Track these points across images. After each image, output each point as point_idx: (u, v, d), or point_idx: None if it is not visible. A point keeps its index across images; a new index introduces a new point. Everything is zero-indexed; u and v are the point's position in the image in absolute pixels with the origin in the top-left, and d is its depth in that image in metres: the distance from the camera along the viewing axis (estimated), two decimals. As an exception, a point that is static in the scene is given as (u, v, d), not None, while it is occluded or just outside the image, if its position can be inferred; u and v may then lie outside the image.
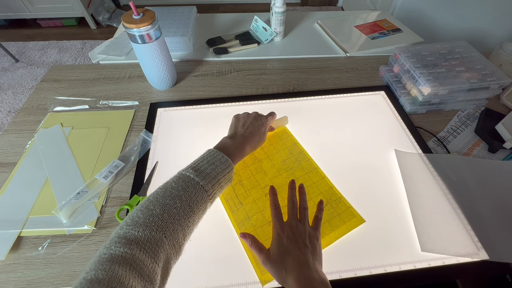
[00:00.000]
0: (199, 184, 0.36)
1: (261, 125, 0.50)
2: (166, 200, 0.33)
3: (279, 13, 0.80)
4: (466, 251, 0.42)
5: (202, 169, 0.38)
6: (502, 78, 0.60)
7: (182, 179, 0.36)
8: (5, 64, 1.88)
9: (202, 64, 0.78)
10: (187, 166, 0.39)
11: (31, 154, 0.55)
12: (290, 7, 2.56)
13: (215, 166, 0.39)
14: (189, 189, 0.35)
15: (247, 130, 0.48)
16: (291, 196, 0.44)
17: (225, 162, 0.40)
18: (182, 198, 0.34)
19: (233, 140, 0.45)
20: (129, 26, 0.55)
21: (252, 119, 0.50)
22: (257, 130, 0.49)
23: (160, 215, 0.31)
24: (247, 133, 0.47)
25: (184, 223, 0.33)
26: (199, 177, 0.37)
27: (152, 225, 0.30)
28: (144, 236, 0.29)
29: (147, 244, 0.29)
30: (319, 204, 0.45)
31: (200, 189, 0.36)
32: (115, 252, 0.27)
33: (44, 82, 0.72)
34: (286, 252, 0.36)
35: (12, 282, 0.40)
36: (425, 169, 0.53)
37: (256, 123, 0.49)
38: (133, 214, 0.32)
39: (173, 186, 0.35)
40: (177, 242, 0.32)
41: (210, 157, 0.40)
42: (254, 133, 0.48)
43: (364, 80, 0.74)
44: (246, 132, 0.47)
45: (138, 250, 0.28)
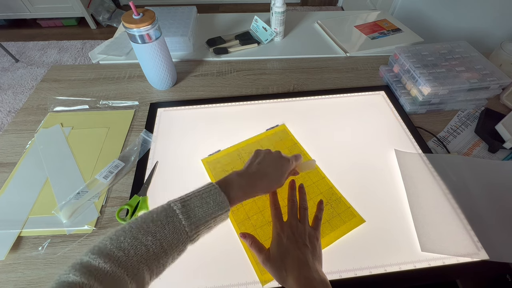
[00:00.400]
0: (181, 223, 0.31)
1: (280, 166, 0.42)
2: (138, 234, 0.29)
3: (279, 13, 0.80)
4: (466, 251, 0.42)
5: (192, 207, 0.33)
6: (502, 78, 0.60)
7: (165, 213, 0.32)
8: (5, 64, 1.88)
9: (202, 64, 0.78)
10: (179, 197, 0.34)
11: (31, 154, 0.55)
12: (290, 7, 2.56)
13: (208, 206, 0.34)
14: (168, 227, 0.31)
15: (261, 169, 0.41)
16: (291, 196, 0.43)
17: (221, 204, 0.34)
18: (156, 236, 0.30)
19: (241, 178, 0.39)
20: (129, 26, 0.55)
21: (272, 158, 0.43)
22: (274, 172, 0.41)
23: (126, 250, 0.28)
24: (260, 173, 0.40)
25: (152, 264, 0.29)
26: (185, 215, 0.32)
27: (115, 259, 0.27)
28: (104, 269, 0.26)
29: (107, 279, 0.26)
30: (319, 204, 0.44)
31: (181, 230, 0.31)
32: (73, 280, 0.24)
33: (44, 82, 0.72)
34: (286, 252, 0.36)
35: (12, 282, 0.40)
36: (425, 169, 0.53)
37: (276, 163, 0.42)
38: (103, 240, 0.29)
39: (154, 218, 0.31)
40: (140, 282, 0.28)
41: (206, 194, 0.34)
42: (269, 174, 0.41)
43: (364, 80, 0.74)
44: (259, 171, 0.40)
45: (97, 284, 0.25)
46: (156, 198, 0.49)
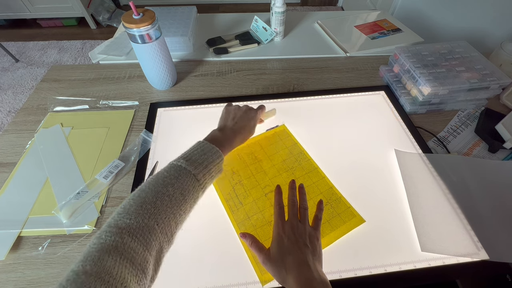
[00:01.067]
0: (190, 173, 0.36)
1: (251, 118, 0.51)
2: (159, 188, 0.33)
3: (279, 13, 0.80)
4: (466, 251, 0.42)
5: (194, 159, 0.39)
6: (502, 78, 0.60)
7: (174, 169, 0.37)
8: (5, 64, 1.88)
9: (202, 64, 0.78)
10: (178, 157, 0.40)
11: (31, 154, 0.55)
12: (290, 7, 2.56)
13: (206, 156, 0.40)
14: (181, 178, 0.35)
15: (236, 124, 0.49)
16: (291, 196, 0.44)
17: (215, 152, 0.41)
18: (175, 186, 0.34)
19: (223, 133, 0.47)
20: (129, 26, 0.55)
21: (242, 112, 0.51)
22: (247, 124, 0.50)
23: (153, 202, 0.31)
24: (237, 127, 0.49)
25: (177, 211, 0.33)
26: (191, 166, 0.37)
27: (144, 213, 0.30)
28: (135, 223, 0.29)
29: (138, 232, 0.28)
30: (318, 204, 0.45)
31: (192, 177, 0.36)
32: (105, 241, 0.26)
33: (44, 82, 0.72)
34: (287, 252, 0.36)
35: (12, 282, 0.40)
36: (425, 169, 0.53)
37: (246, 116, 0.51)
38: (125, 203, 0.31)
39: (165, 175, 0.35)
40: (169, 230, 0.31)
41: (201, 148, 0.41)
42: (244, 126, 0.49)
43: (364, 80, 0.74)
44: (236, 125, 0.49)
45: (129, 238, 0.27)
46: (156, 198, 0.49)
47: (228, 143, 0.46)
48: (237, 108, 0.53)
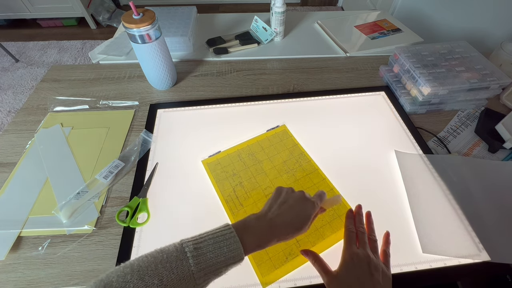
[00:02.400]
0: (190, 269, 0.29)
1: (303, 210, 0.37)
2: (145, 276, 0.28)
3: (279, 13, 0.80)
4: (468, 253, 0.42)
5: (204, 251, 0.30)
6: (502, 78, 0.60)
7: (176, 254, 0.30)
8: (5, 64, 1.88)
9: (202, 64, 0.78)
10: (193, 237, 0.32)
11: (31, 154, 0.55)
12: (290, 7, 2.55)
13: (221, 252, 0.31)
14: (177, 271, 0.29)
15: (281, 215, 0.36)
16: (359, 223, 0.42)
17: (234, 251, 0.31)
18: (163, 281, 0.28)
19: (260, 223, 0.35)
20: (129, 26, 0.55)
21: (295, 199, 0.38)
22: (296, 218, 0.36)
23: None
24: (281, 219, 0.36)
25: None
26: (195, 260, 0.30)
27: None
28: None
29: None
30: (386, 236, 0.43)
31: (189, 277, 0.29)
32: None
33: (44, 82, 0.72)
34: (358, 282, 0.35)
35: (12, 282, 0.40)
36: (426, 169, 0.53)
37: (299, 206, 0.37)
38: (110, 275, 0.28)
39: (163, 259, 0.29)
40: None
41: (221, 238, 0.32)
42: (291, 220, 0.36)
43: (364, 80, 0.74)
44: (279, 217, 0.36)
45: None
46: (156, 200, 0.49)
47: (259, 240, 0.34)
48: (290, 191, 0.39)
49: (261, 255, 0.42)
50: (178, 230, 0.45)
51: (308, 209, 0.37)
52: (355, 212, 0.45)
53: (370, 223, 0.44)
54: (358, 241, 0.40)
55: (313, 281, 0.40)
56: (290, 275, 0.41)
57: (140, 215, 0.46)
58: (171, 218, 0.47)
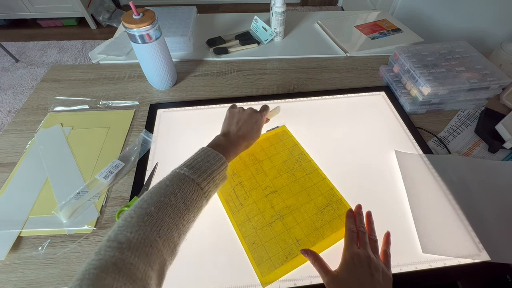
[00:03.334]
0: (194, 181, 0.35)
1: (255, 121, 0.49)
2: (161, 198, 0.32)
3: (279, 13, 0.80)
4: (468, 252, 0.42)
5: (197, 167, 0.37)
6: (502, 78, 0.60)
7: (177, 177, 0.35)
8: (5, 64, 1.88)
9: (202, 64, 0.78)
10: (181, 164, 0.38)
11: (31, 154, 0.55)
12: (290, 7, 2.55)
13: (210, 164, 0.38)
14: (184, 187, 0.34)
15: (241, 128, 0.47)
16: (360, 223, 0.42)
17: (219, 159, 0.39)
18: (178, 196, 0.33)
19: (227, 138, 0.45)
20: (129, 26, 0.55)
21: (246, 115, 0.49)
22: (251, 128, 0.48)
23: (155, 214, 0.30)
24: (242, 132, 0.47)
25: (180, 222, 0.32)
26: (194, 174, 0.36)
27: (146, 225, 0.29)
28: (136, 237, 0.27)
29: (139, 246, 0.27)
30: (387, 236, 0.43)
31: (196, 186, 0.35)
32: (104, 257, 0.25)
33: (44, 82, 0.72)
34: (358, 282, 0.35)
35: (12, 282, 0.40)
36: (426, 170, 0.53)
37: (251, 120, 0.49)
38: (126, 214, 0.30)
39: (168, 184, 0.34)
40: (172, 242, 0.30)
41: (204, 155, 0.39)
42: (249, 130, 0.48)
43: (364, 80, 0.74)
44: (240, 130, 0.47)
45: (129, 253, 0.26)
46: (156, 198, 0.49)
47: (232, 149, 0.44)
48: (241, 111, 0.51)
49: (261, 255, 0.42)
50: (178, 230, 0.45)
51: (258, 119, 0.50)
52: (355, 212, 0.45)
53: (371, 223, 0.44)
54: (359, 241, 0.40)
55: (313, 281, 0.40)
56: (290, 274, 0.41)
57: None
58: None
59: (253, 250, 0.43)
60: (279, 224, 0.46)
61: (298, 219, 0.46)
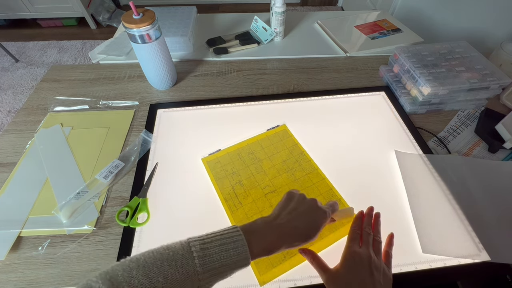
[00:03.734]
0: (195, 269, 0.29)
1: (314, 219, 0.37)
2: (151, 273, 0.28)
3: (279, 13, 0.80)
4: (468, 253, 0.42)
5: (210, 253, 0.30)
6: (502, 78, 0.60)
7: (182, 252, 0.30)
8: (5, 64, 1.88)
9: (202, 64, 0.78)
10: (199, 237, 0.32)
11: (31, 154, 0.55)
12: (290, 7, 2.55)
13: (227, 255, 0.30)
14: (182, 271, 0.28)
15: (291, 221, 0.35)
16: (367, 224, 0.42)
17: (241, 255, 0.31)
18: (168, 279, 0.28)
19: (268, 229, 0.35)
20: (129, 26, 0.55)
21: (307, 207, 0.37)
22: (306, 226, 0.36)
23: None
24: (290, 226, 0.35)
25: None
26: (201, 260, 0.29)
27: None
28: None
29: None
30: (390, 238, 0.42)
31: (194, 277, 0.29)
32: None
33: (44, 82, 0.72)
34: (358, 280, 0.35)
35: (12, 282, 0.40)
36: (426, 170, 0.53)
37: (309, 215, 0.37)
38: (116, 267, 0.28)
39: (169, 257, 0.29)
40: None
41: (228, 240, 0.31)
42: (300, 229, 0.35)
43: (364, 80, 0.74)
44: (289, 223, 0.35)
45: None
46: (156, 200, 0.49)
47: (266, 245, 0.33)
48: (301, 198, 0.39)
49: None
50: (178, 229, 0.45)
51: (319, 219, 0.37)
52: (366, 213, 0.44)
53: (377, 224, 0.43)
54: (362, 241, 0.40)
55: (313, 281, 0.40)
56: (290, 274, 0.41)
57: (140, 215, 0.46)
58: (171, 218, 0.47)
59: None
60: None
61: None
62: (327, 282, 0.36)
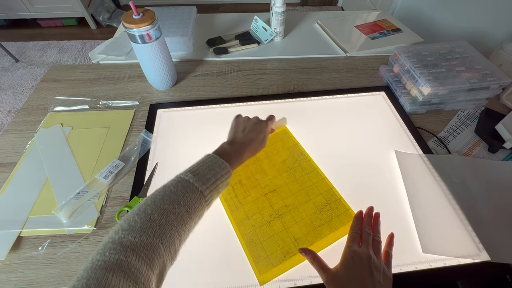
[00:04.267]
0: (198, 189, 0.36)
1: (260, 130, 0.49)
2: (165, 205, 0.32)
3: (279, 13, 0.80)
4: (468, 252, 0.42)
5: (202, 174, 0.37)
6: (502, 78, 0.60)
7: (181, 183, 0.36)
8: (5, 64, 1.88)
9: (202, 64, 0.78)
10: (186, 170, 0.38)
11: (31, 154, 0.55)
12: (290, 7, 2.55)
13: (215, 171, 0.38)
14: (188, 194, 0.35)
15: (247, 136, 0.47)
16: (367, 224, 0.43)
17: (224, 168, 0.39)
18: (181, 204, 0.33)
19: (232, 146, 0.45)
20: (129, 26, 0.55)
21: (252, 124, 0.49)
22: (257, 136, 0.48)
23: (158, 221, 0.31)
24: (247, 139, 0.46)
25: (181, 229, 0.33)
26: (198, 182, 0.36)
27: (150, 231, 0.30)
28: (140, 242, 0.28)
29: (143, 251, 0.28)
30: (390, 238, 0.43)
31: (199, 194, 0.35)
32: (109, 259, 0.26)
33: (44, 82, 0.72)
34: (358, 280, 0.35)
35: (12, 282, 0.40)
36: (426, 170, 0.53)
37: (256, 128, 0.49)
38: (130, 218, 0.31)
39: (172, 190, 0.35)
40: (173, 248, 0.31)
41: (209, 162, 0.39)
42: (254, 139, 0.47)
43: (364, 80, 0.74)
44: (245, 138, 0.47)
45: (134, 257, 0.27)
46: (156, 198, 0.49)
47: (237, 157, 0.44)
48: (246, 119, 0.50)
49: (259, 253, 0.43)
50: (178, 230, 0.45)
51: (263, 128, 0.49)
52: (365, 213, 0.45)
53: (377, 224, 0.43)
54: (362, 241, 0.40)
55: (313, 281, 0.40)
56: (290, 274, 0.41)
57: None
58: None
59: (251, 248, 0.43)
60: (278, 223, 0.46)
61: (296, 218, 0.46)
62: (327, 282, 0.37)
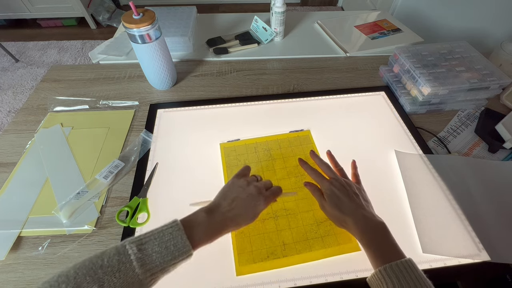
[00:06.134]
0: (134, 271, 0.28)
1: (253, 207, 0.39)
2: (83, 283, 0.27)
3: (279, 13, 0.80)
4: (468, 252, 0.42)
5: (149, 252, 0.30)
6: (502, 78, 0.60)
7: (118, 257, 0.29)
8: (5, 64, 1.88)
9: (202, 64, 0.78)
10: (137, 238, 0.31)
11: (31, 154, 0.55)
12: (290, 7, 2.55)
13: (167, 252, 0.30)
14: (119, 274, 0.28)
15: (233, 210, 0.37)
16: (320, 160, 0.47)
17: (182, 249, 0.31)
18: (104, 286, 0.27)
19: (210, 218, 0.36)
20: (129, 26, 0.55)
21: (246, 196, 0.39)
22: (245, 213, 0.38)
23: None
24: (231, 214, 0.37)
25: None
26: (139, 262, 0.29)
27: None
28: None
29: None
30: (353, 163, 0.50)
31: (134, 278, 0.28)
32: None
33: (44, 82, 0.72)
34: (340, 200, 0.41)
35: (12, 282, 0.40)
36: (426, 170, 0.53)
37: (249, 204, 0.39)
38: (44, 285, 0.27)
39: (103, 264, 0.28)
40: None
41: (167, 237, 0.31)
42: (240, 215, 0.38)
43: (364, 80, 0.74)
44: (230, 212, 0.37)
45: None
46: (156, 200, 0.49)
47: (211, 232, 0.35)
48: (244, 186, 0.40)
49: (244, 245, 0.43)
50: (178, 230, 0.45)
51: (258, 206, 0.39)
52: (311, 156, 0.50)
53: (333, 158, 0.48)
54: (326, 174, 0.45)
55: (313, 281, 0.40)
56: (290, 274, 0.41)
57: (140, 215, 0.46)
58: (171, 218, 0.46)
59: (239, 239, 0.44)
60: (271, 223, 0.46)
61: (291, 224, 0.46)
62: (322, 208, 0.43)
